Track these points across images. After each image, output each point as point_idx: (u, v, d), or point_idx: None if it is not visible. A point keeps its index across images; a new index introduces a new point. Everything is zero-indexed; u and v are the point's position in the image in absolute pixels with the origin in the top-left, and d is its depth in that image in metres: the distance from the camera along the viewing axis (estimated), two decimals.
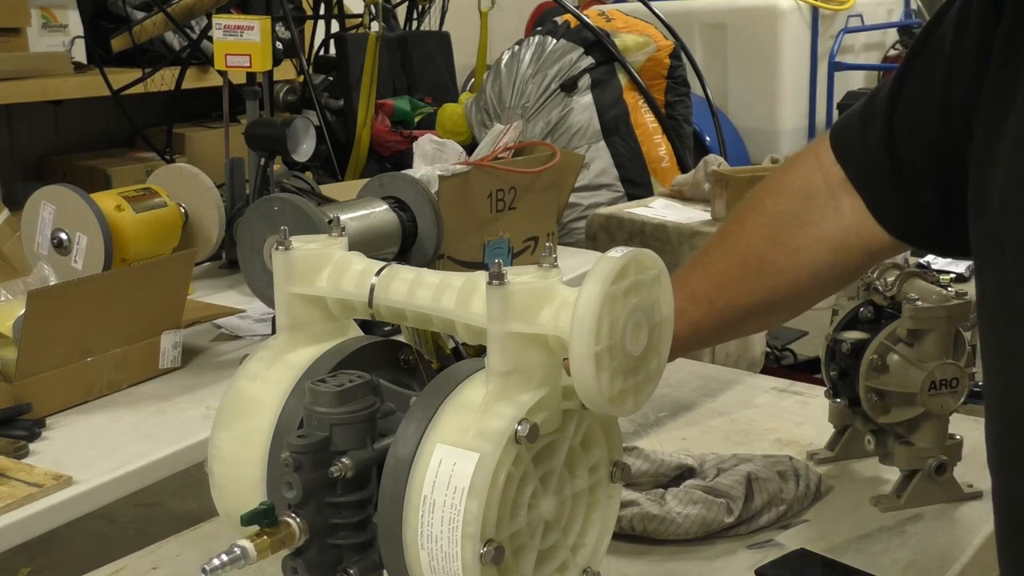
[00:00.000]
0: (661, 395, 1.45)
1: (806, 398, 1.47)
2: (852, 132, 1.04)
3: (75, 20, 4.25)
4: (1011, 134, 0.81)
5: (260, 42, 2.01)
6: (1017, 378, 0.80)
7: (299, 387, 0.81)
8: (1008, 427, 0.82)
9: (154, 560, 1.11)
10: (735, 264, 1.09)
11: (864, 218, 1.02)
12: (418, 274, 0.81)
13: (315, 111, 3.53)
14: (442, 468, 0.73)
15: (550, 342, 0.74)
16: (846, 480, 1.23)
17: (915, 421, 1.17)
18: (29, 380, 1.45)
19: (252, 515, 0.76)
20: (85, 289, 1.54)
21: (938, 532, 1.12)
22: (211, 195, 1.95)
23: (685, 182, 2.84)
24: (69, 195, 1.79)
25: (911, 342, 1.16)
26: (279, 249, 0.84)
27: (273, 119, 2.10)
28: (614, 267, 0.72)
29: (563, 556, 0.80)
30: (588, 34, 3.20)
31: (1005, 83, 0.83)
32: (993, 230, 0.83)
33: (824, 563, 1.06)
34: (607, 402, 0.73)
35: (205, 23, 3.56)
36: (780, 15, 5.06)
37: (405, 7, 4.36)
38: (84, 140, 4.30)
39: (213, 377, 1.62)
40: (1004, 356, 0.82)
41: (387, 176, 1.86)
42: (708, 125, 3.98)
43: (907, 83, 0.97)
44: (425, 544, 0.73)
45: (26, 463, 1.32)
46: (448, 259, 2.06)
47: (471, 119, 3.34)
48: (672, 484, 1.15)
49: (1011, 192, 0.80)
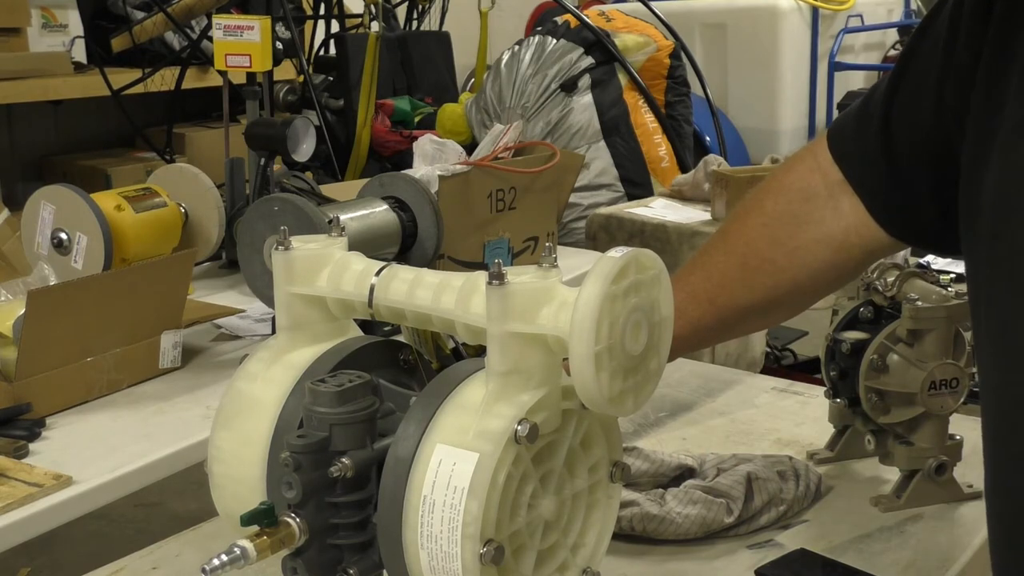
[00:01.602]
0: (661, 395, 1.45)
1: (806, 398, 1.47)
2: (849, 132, 1.04)
3: (75, 20, 4.24)
4: (1001, 135, 0.81)
5: (260, 42, 2.01)
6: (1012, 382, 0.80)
7: (299, 387, 0.81)
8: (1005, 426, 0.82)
9: (154, 560, 1.11)
10: (735, 264, 1.09)
11: (863, 217, 1.03)
12: (418, 274, 0.81)
13: (315, 111, 3.53)
14: (442, 468, 0.73)
15: (550, 342, 0.74)
16: (846, 480, 1.23)
17: (915, 421, 1.17)
18: (29, 380, 1.45)
19: (252, 515, 0.76)
20: (85, 289, 1.54)
21: (938, 532, 1.12)
22: (211, 195, 1.95)
23: (685, 182, 2.84)
24: (69, 195, 1.79)
25: (911, 342, 1.16)
26: (279, 249, 0.84)
27: (273, 119, 2.10)
28: (614, 267, 0.72)
29: (563, 556, 0.80)
30: (588, 34, 3.20)
31: (995, 84, 0.83)
32: (983, 232, 0.83)
33: (824, 563, 1.06)
34: (607, 402, 0.73)
35: (205, 23, 3.56)
36: (780, 15, 5.06)
37: (405, 7, 4.36)
38: (84, 140, 4.30)
39: (213, 377, 1.62)
40: (998, 358, 0.82)
41: (387, 176, 1.86)
42: (708, 125, 3.98)
43: (902, 84, 0.97)
44: (425, 544, 0.73)
45: (26, 463, 1.32)
46: (448, 259, 2.06)
47: (471, 119, 3.34)
48: (672, 484, 1.15)
49: (999, 194, 0.81)
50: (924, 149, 0.95)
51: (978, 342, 0.86)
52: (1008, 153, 0.80)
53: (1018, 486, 0.80)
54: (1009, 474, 0.82)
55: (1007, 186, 0.80)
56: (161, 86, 3.56)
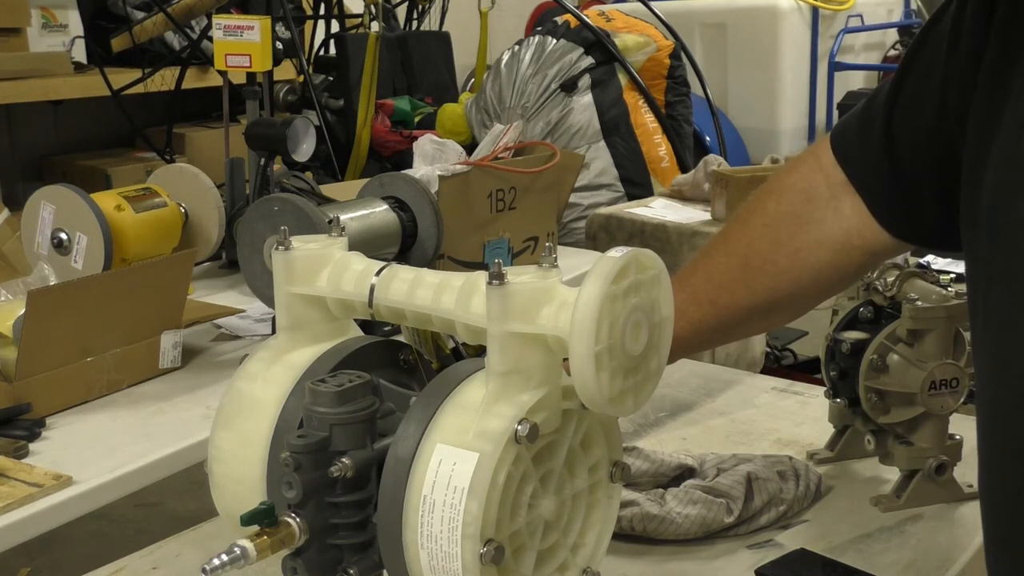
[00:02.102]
0: (661, 395, 1.45)
1: (806, 398, 1.47)
2: (852, 134, 1.05)
3: (75, 20, 4.24)
4: (1001, 137, 0.81)
5: (260, 42, 2.01)
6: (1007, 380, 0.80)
7: (299, 387, 0.81)
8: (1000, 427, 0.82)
9: (154, 560, 1.11)
10: (736, 265, 1.09)
11: (865, 219, 1.03)
12: (418, 274, 0.81)
13: (315, 111, 3.53)
14: (442, 468, 0.73)
15: (550, 342, 0.74)
16: (846, 480, 1.23)
17: (915, 421, 1.17)
18: (29, 380, 1.45)
19: (252, 515, 0.76)
20: (85, 289, 1.54)
21: (938, 532, 1.12)
22: (211, 195, 1.95)
23: (685, 182, 2.84)
24: (69, 195, 1.79)
25: (911, 342, 1.16)
26: (279, 249, 0.84)
27: (273, 119, 2.10)
28: (614, 267, 0.72)
29: (563, 556, 0.80)
30: (588, 34, 3.20)
31: (997, 86, 0.83)
32: (982, 232, 0.83)
33: (824, 563, 1.06)
34: (607, 402, 0.73)
35: (205, 23, 3.56)
36: (780, 15, 5.06)
37: (405, 7, 4.36)
38: (84, 140, 4.30)
39: (213, 377, 1.62)
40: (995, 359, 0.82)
41: (387, 176, 1.86)
42: (708, 125, 3.98)
43: (905, 85, 0.97)
44: (425, 544, 0.73)
45: (26, 463, 1.32)
46: (448, 259, 2.06)
47: (471, 119, 3.34)
48: (672, 484, 1.15)
49: (998, 195, 0.81)
50: (927, 152, 0.95)
51: (976, 341, 0.86)
52: (1008, 154, 0.80)
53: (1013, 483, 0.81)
54: (1003, 471, 0.82)
55: (1006, 188, 0.80)
56: (161, 86, 3.56)
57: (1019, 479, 0.80)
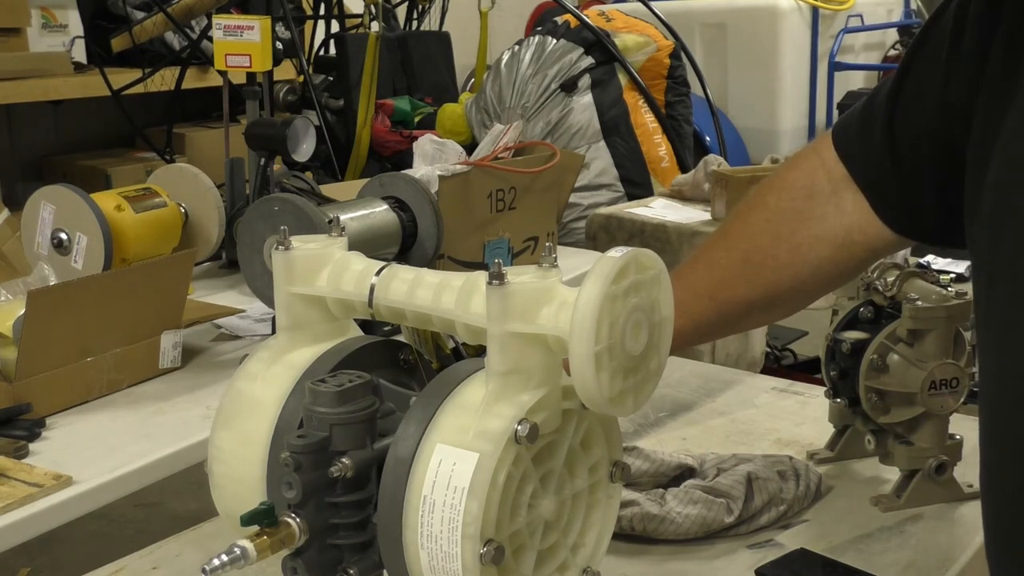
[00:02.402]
0: (661, 395, 1.45)
1: (806, 398, 1.47)
2: (854, 130, 1.05)
3: (75, 20, 4.24)
4: (1005, 134, 0.81)
5: (260, 42, 2.01)
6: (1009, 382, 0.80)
7: (299, 387, 0.81)
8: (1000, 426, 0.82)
9: (154, 560, 1.11)
10: (737, 259, 1.09)
11: (866, 215, 1.03)
12: (418, 274, 0.81)
13: (315, 111, 3.53)
14: (442, 468, 0.73)
15: (550, 342, 0.74)
16: (846, 480, 1.23)
17: (915, 421, 1.17)
18: (29, 380, 1.45)
19: (252, 515, 0.76)
20: (85, 289, 1.54)
21: (938, 532, 1.12)
22: (211, 195, 1.95)
23: (685, 182, 2.84)
24: (69, 195, 1.79)
25: (911, 342, 1.16)
26: (279, 249, 0.84)
27: (273, 119, 2.10)
28: (614, 267, 0.72)
29: (563, 556, 0.80)
30: (588, 34, 3.20)
31: (1003, 83, 0.83)
32: (985, 229, 0.83)
33: (824, 563, 1.06)
34: (607, 402, 0.73)
35: (205, 23, 3.56)
36: (780, 15, 5.06)
37: (405, 7, 4.36)
38: (84, 140, 4.30)
39: (213, 377, 1.62)
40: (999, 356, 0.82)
41: (387, 176, 1.86)
42: (708, 125, 3.98)
43: (907, 82, 0.97)
44: (425, 544, 0.73)
45: (26, 463, 1.32)
46: (448, 259, 2.06)
47: (471, 119, 3.34)
48: (672, 484, 1.15)
49: (1000, 192, 0.81)
50: (928, 149, 0.95)
51: (980, 338, 0.86)
52: (1011, 153, 0.80)
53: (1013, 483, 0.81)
54: (1004, 471, 0.82)
55: (1009, 187, 0.80)
56: (161, 86, 3.56)
57: (1019, 479, 0.80)
